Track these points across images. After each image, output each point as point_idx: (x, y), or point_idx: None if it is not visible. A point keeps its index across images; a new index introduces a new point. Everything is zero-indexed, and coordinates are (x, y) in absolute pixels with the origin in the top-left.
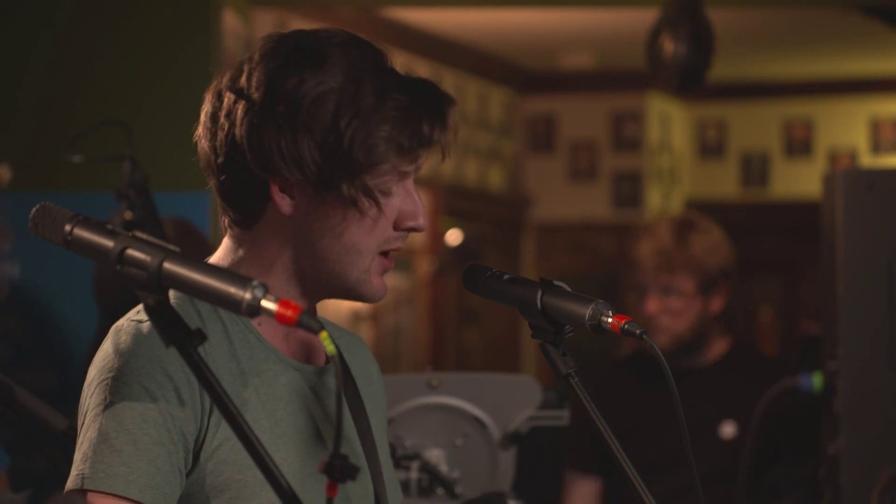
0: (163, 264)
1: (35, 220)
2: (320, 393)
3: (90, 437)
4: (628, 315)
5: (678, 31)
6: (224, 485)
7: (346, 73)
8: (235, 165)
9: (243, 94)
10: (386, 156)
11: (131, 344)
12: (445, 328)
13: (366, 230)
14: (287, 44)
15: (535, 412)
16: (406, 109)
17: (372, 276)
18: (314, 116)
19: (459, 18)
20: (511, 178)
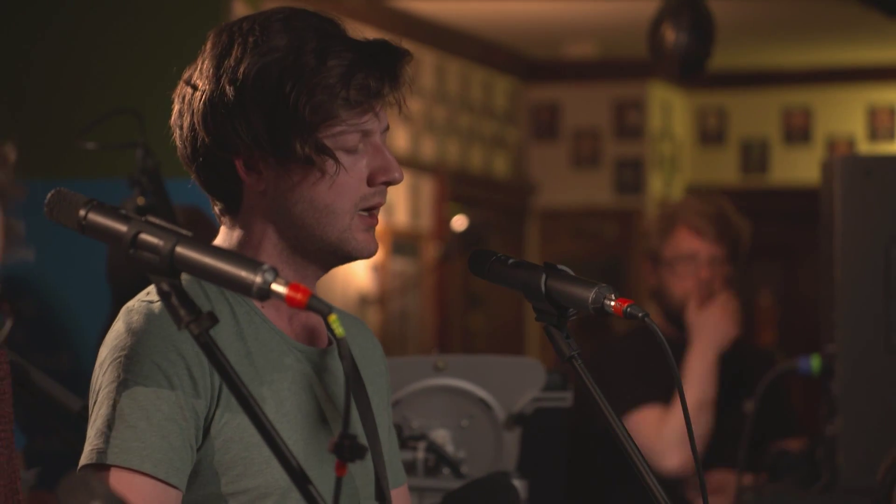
0: (175, 248)
1: (50, 205)
2: (323, 374)
3: (104, 413)
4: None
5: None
6: (231, 462)
7: (288, 43)
8: (201, 152)
9: (195, 84)
10: (334, 111)
11: (143, 323)
12: (451, 312)
13: (335, 190)
14: (231, 28)
15: (539, 394)
16: (350, 65)
17: (355, 233)
18: (259, 89)
19: (465, 8)
20: (515, 165)
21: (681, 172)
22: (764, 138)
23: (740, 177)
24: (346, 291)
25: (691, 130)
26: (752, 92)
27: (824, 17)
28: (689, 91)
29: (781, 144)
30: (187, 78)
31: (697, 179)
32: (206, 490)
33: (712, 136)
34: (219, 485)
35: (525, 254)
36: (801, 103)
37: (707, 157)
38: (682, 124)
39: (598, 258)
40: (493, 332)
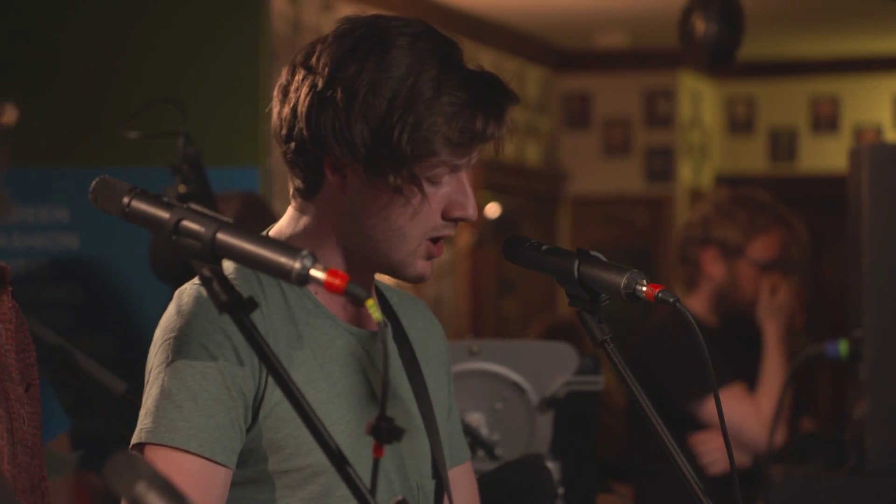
0: (216, 235)
1: (95, 192)
2: (375, 356)
3: (153, 394)
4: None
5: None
6: (282, 441)
7: (409, 64)
8: (295, 140)
9: (311, 72)
10: (436, 149)
11: (192, 306)
12: (484, 297)
13: (410, 216)
14: (359, 29)
15: (571, 377)
16: (462, 105)
17: (416, 260)
18: (370, 104)
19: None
20: (547, 154)
21: (710, 161)
22: (792, 127)
23: (769, 165)
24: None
25: (720, 119)
26: (781, 81)
27: (851, 8)
28: (718, 80)
29: (809, 133)
30: (303, 59)
31: (726, 168)
32: (260, 467)
33: (741, 125)
34: (271, 463)
35: (557, 240)
36: (828, 92)
37: (736, 145)
38: (712, 113)
39: (629, 245)
40: (525, 317)
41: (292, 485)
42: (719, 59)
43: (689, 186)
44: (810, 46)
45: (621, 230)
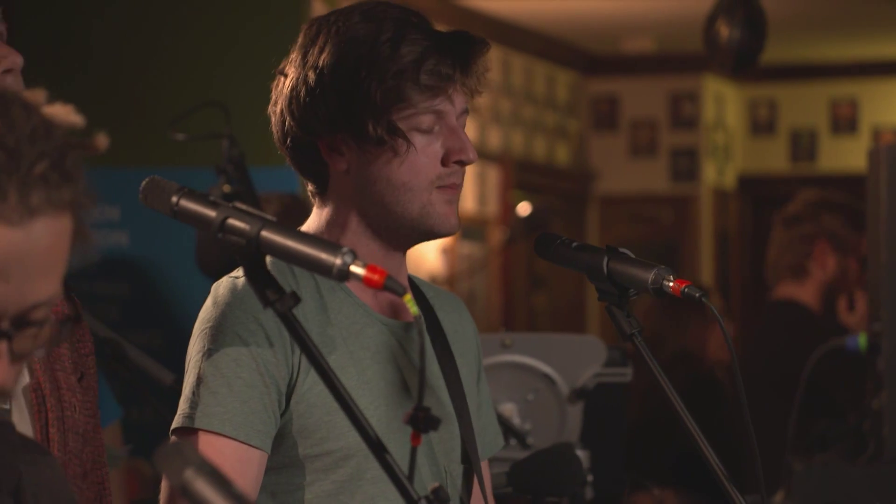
0: (260, 232)
1: (145, 192)
2: (406, 346)
3: (191, 381)
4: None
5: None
6: (315, 426)
7: (365, 33)
8: (289, 136)
9: (285, 73)
10: (406, 94)
11: (228, 297)
12: (516, 292)
13: (410, 169)
14: (319, 21)
15: (600, 369)
16: (423, 51)
17: (434, 209)
18: (337, 74)
19: (528, 6)
20: (576, 154)
21: (733, 161)
22: (812, 128)
23: (790, 165)
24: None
25: (743, 121)
26: (801, 84)
27: (869, 13)
28: (741, 83)
29: (829, 134)
30: (280, 68)
31: (749, 168)
32: (292, 452)
33: (763, 127)
34: (304, 447)
35: (585, 238)
36: (847, 95)
37: (758, 146)
38: (735, 115)
39: (655, 242)
40: (555, 312)
41: (324, 468)
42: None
43: (713, 186)
44: (830, 50)
45: (647, 228)
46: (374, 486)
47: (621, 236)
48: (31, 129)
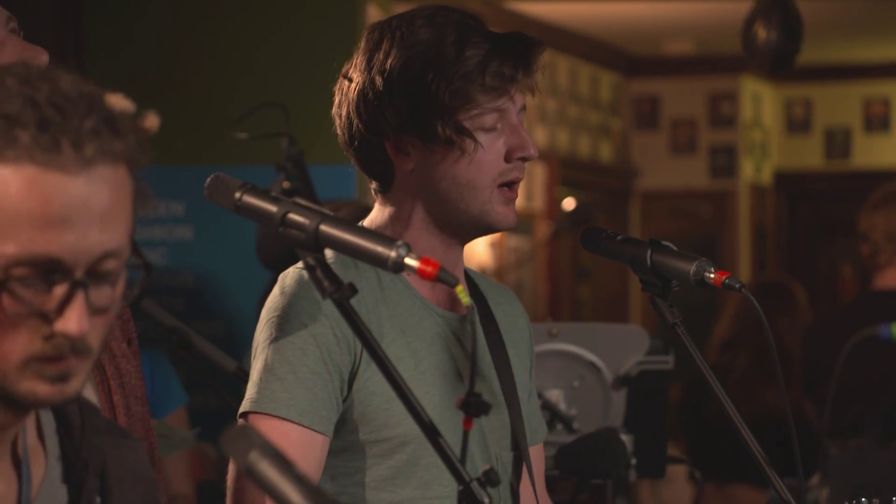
0: (319, 226)
1: (210, 188)
2: (461, 337)
3: (258, 367)
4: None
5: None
6: (373, 413)
7: (430, 37)
8: (356, 137)
9: (350, 77)
10: (472, 96)
11: (294, 287)
12: (561, 284)
13: (475, 167)
14: (381, 26)
15: (643, 357)
16: (486, 54)
17: (495, 206)
18: (404, 78)
19: (573, 9)
20: (619, 152)
21: (769, 158)
22: (846, 126)
23: (824, 162)
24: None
25: (779, 119)
26: (836, 84)
27: None
28: (777, 83)
29: (862, 132)
30: (344, 72)
31: (785, 164)
32: (351, 438)
33: (799, 125)
34: (363, 433)
35: (628, 232)
36: (880, 94)
37: (794, 143)
38: (771, 114)
39: (694, 236)
40: (599, 302)
41: (381, 454)
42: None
43: (751, 182)
44: (863, 51)
45: (687, 222)
46: (428, 472)
47: (662, 230)
48: (79, 93)
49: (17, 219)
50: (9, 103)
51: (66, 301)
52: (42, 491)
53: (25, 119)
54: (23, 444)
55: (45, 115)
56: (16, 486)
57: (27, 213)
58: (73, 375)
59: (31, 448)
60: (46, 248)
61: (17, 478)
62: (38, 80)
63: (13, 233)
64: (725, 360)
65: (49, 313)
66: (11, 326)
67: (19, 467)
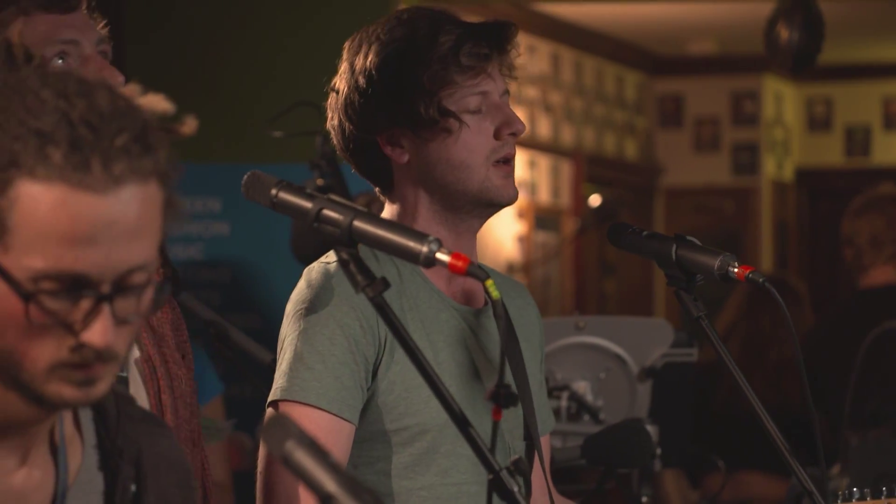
0: (353, 222)
1: (247, 185)
2: (477, 330)
3: (287, 357)
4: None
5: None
6: (394, 402)
7: (404, 33)
8: (350, 140)
9: (337, 89)
10: (449, 77)
11: (321, 280)
12: (587, 278)
13: (465, 147)
14: (360, 35)
15: (667, 350)
16: (458, 36)
17: (493, 181)
18: (385, 73)
19: (599, 11)
20: (644, 150)
21: (791, 155)
22: (866, 124)
23: (844, 159)
24: (496, 260)
25: (801, 118)
26: (856, 83)
27: None
28: (798, 82)
29: (882, 130)
30: (332, 85)
31: (806, 162)
32: (375, 427)
33: (819, 123)
34: (385, 422)
35: (652, 227)
36: None
37: (815, 141)
38: (793, 112)
39: (717, 231)
40: (624, 296)
41: (402, 442)
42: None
43: (773, 178)
44: (883, 51)
45: (710, 218)
46: (447, 460)
47: (685, 226)
48: (113, 108)
49: (45, 235)
50: (43, 119)
51: (91, 314)
52: (79, 478)
53: (58, 137)
54: (60, 434)
55: (78, 133)
56: (53, 474)
57: (56, 230)
58: (98, 380)
59: (68, 437)
60: (73, 264)
61: (55, 466)
62: (75, 95)
63: (42, 248)
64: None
65: (75, 325)
66: (39, 335)
67: (57, 456)
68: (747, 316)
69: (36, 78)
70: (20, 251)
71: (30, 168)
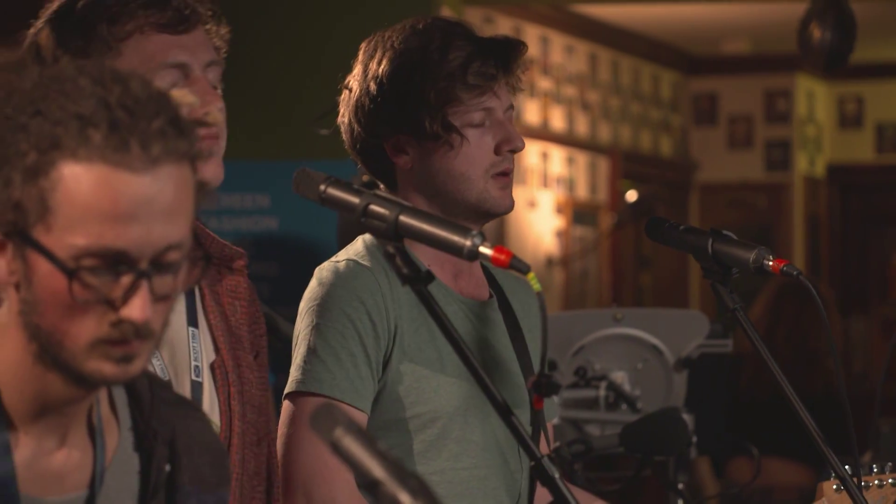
0: (399, 217)
1: (296, 181)
2: (483, 323)
3: (301, 352)
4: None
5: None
6: (405, 391)
7: (417, 44)
8: (358, 141)
9: (350, 87)
10: (456, 94)
11: (332, 278)
12: (624, 271)
13: (466, 160)
14: (377, 38)
15: (703, 341)
16: (468, 55)
17: (491, 193)
18: (395, 82)
19: (636, 11)
20: (679, 147)
21: (822, 152)
22: None
23: (875, 156)
24: (535, 254)
25: (832, 115)
26: (887, 81)
27: None
28: (830, 81)
29: None
30: (346, 83)
31: (837, 158)
32: (387, 416)
33: (850, 120)
34: (396, 411)
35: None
36: None
37: (846, 138)
38: (825, 110)
39: (751, 226)
40: (659, 289)
41: (413, 429)
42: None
43: (804, 174)
44: None
45: (744, 213)
46: (457, 445)
47: (719, 221)
48: (147, 94)
49: (87, 214)
50: (83, 104)
51: (131, 290)
52: (115, 459)
53: (98, 119)
54: (97, 416)
55: (116, 116)
56: (91, 455)
57: (97, 208)
58: (136, 357)
59: (105, 419)
60: (114, 241)
61: (93, 447)
62: (111, 82)
63: (84, 226)
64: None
65: (115, 301)
66: (81, 312)
67: (94, 437)
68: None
69: (72, 67)
70: (62, 230)
71: (72, 150)
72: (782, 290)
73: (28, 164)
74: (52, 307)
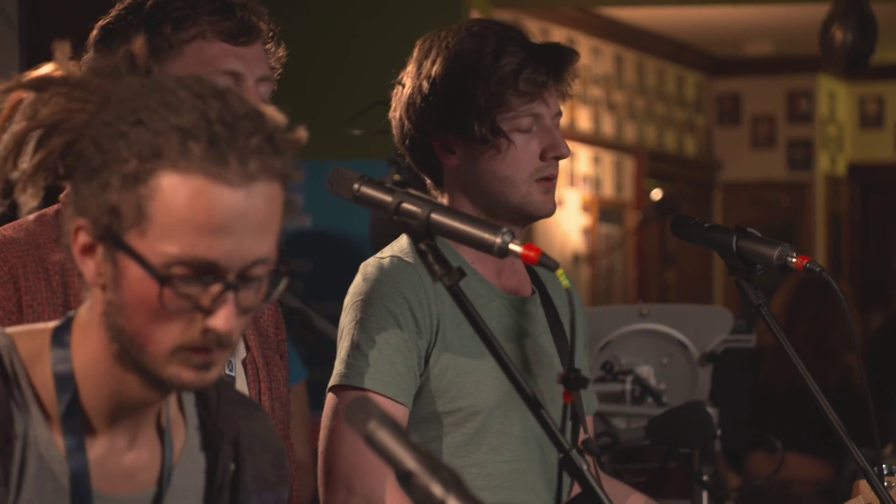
0: (430, 215)
1: (330, 180)
2: (525, 318)
3: (345, 346)
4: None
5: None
6: (446, 386)
7: (472, 46)
8: (407, 137)
9: (403, 83)
10: (506, 99)
11: (376, 274)
12: (649, 268)
13: (511, 164)
14: (432, 37)
15: (727, 336)
16: (521, 61)
17: (534, 197)
18: (447, 83)
19: (660, 14)
20: (703, 146)
21: (844, 152)
22: None
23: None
24: (563, 251)
25: (853, 115)
26: None
27: None
28: (851, 81)
29: None
30: (399, 79)
31: (858, 157)
32: (428, 409)
33: (871, 120)
34: (437, 405)
35: (711, 220)
36: None
37: (866, 138)
38: (846, 110)
39: (773, 224)
40: (684, 285)
41: (454, 423)
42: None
43: (826, 173)
44: None
45: (767, 211)
46: (497, 439)
47: (743, 219)
48: (246, 111)
49: (182, 224)
50: (184, 116)
51: (218, 300)
52: (182, 457)
53: (198, 133)
54: (166, 416)
55: (216, 130)
56: (160, 453)
57: (192, 220)
58: (214, 365)
59: (173, 419)
60: (206, 252)
61: (161, 446)
62: (210, 96)
63: (178, 236)
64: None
65: (202, 310)
66: (166, 318)
67: (163, 436)
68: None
69: (172, 79)
70: (156, 238)
71: (172, 160)
72: (801, 287)
73: (128, 170)
74: (139, 311)
